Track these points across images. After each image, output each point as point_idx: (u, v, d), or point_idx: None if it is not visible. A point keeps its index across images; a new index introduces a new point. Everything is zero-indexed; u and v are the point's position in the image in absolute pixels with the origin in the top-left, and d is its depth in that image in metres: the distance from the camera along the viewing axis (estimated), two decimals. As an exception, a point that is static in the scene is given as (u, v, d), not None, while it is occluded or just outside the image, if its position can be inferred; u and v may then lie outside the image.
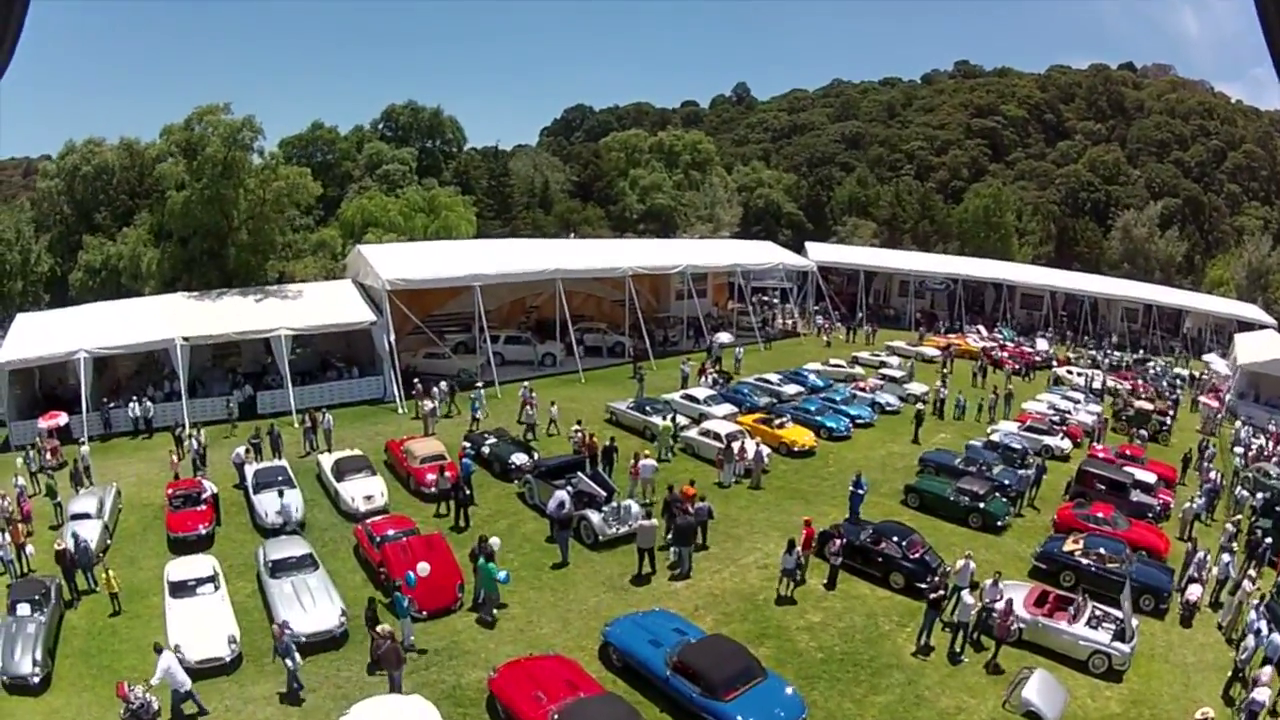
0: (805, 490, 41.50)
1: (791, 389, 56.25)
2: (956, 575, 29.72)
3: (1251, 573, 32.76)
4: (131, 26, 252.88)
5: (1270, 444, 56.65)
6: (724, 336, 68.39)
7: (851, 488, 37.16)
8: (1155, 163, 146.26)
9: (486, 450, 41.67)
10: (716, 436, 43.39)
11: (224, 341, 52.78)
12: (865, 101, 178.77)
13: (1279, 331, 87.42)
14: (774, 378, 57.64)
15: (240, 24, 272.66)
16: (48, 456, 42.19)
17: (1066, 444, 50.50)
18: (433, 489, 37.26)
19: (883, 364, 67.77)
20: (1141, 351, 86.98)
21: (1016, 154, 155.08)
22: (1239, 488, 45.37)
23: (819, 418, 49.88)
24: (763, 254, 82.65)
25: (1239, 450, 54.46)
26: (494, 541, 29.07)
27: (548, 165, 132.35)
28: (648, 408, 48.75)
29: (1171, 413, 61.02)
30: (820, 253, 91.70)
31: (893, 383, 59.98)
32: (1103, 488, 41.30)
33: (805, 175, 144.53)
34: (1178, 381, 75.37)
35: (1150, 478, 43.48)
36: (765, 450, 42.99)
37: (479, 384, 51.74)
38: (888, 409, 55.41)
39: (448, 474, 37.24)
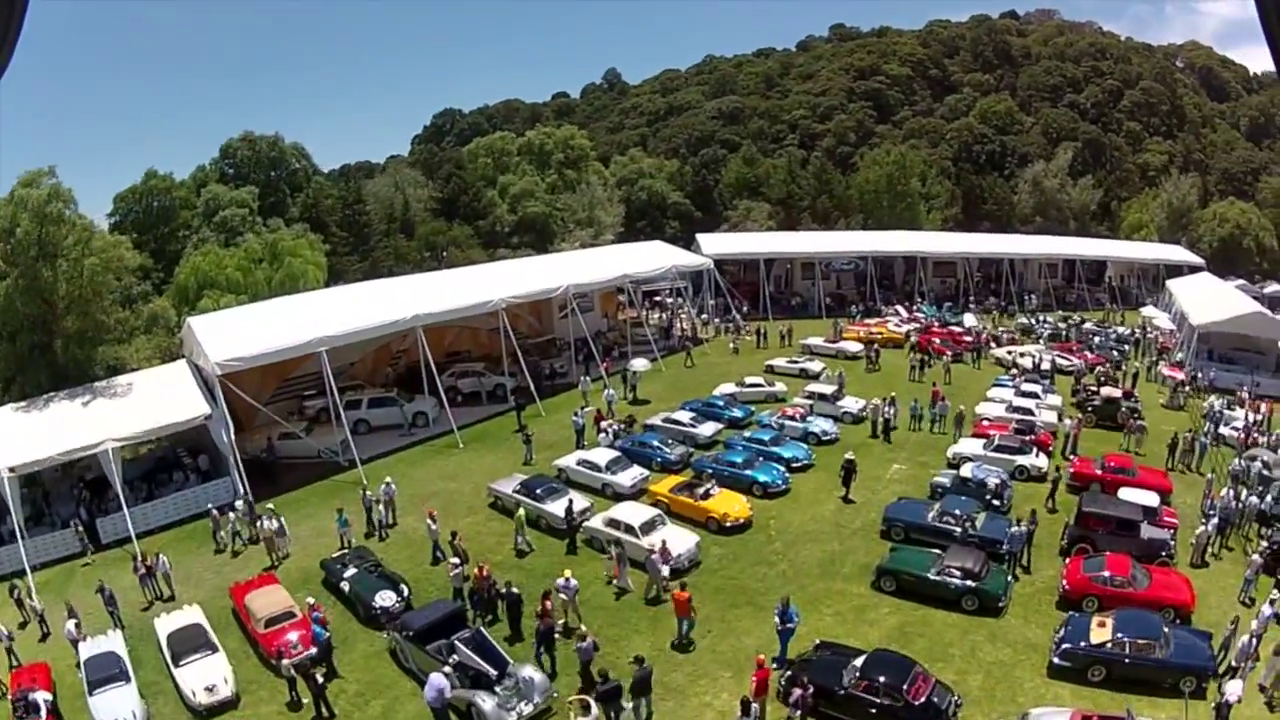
0: (751, 587, 32.57)
1: (708, 428, 47.16)
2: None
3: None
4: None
5: (1249, 413, 51.40)
6: (639, 363, 58.44)
7: (777, 620, 27.55)
8: (1050, 108, 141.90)
9: (346, 586, 32.36)
10: (629, 529, 33.87)
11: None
12: (741, 75, 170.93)
13: (1210, 272, 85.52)
14: (685, 416, 48.29)
15: (64, 70, 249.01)
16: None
17: (1042, 461, 42.51)
18: (282, 662, 27.40)
19: (803, 371, 59.80)
20: (1072, 316, 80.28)
21: (904, 113, 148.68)
22: (1245, 493, 38.20)
23: (748, 472, 40.61)
24: (652, 257, 73.50)
25: (1226, 432, 48.82)
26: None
27: (411, 183, 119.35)
28: (539, 490, 38.52)
29: (1135, 395, 53.49)
30: (713, 245, 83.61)
31: (824, 401, 51.18)
32: (1107, 530, 33.55)
33: (686, 158, 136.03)
34: (1125, 348, 68.27)
35: (1151, 499, 36.30)
36: (691, 543, 33.97)
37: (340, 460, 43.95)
38: (825, 439, 46.66)
39: (298, 644, 28.11)
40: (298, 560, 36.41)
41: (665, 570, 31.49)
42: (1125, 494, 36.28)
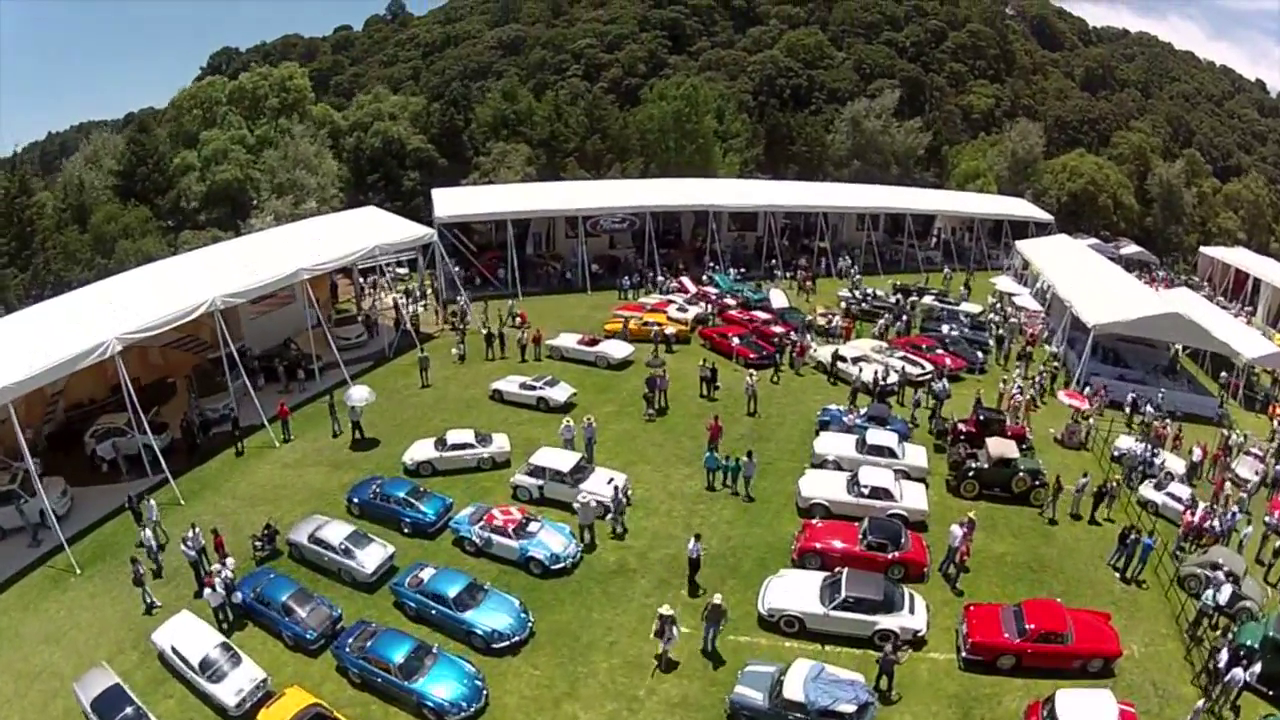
0: None
1: (371, 557, 28.78)
2: None
3: None
4: None
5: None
6: (359, 394, 40.12)
7: None
8: (864, 45, 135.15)
9: None
10: None
11: None
12: (528, 2, 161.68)
13: (1066, 232, 77.43)
14: (338, 533, 29.59)
15: None
16: None
17: (919, 618, 26.41)
18: None
19: (541, 401, 41.80)
20: (906, 286, 63.54)
21: (701, 43, 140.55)
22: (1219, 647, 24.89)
23: (414, 685, 23.16)
24: (353, 233, 53.85)
25: (1157, 498, 34.77)
26: None
27: (109, 153, 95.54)
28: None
29: (1029, 438, 38.02)
30: (451, 203, 64.49)
31: (559, 481, 33.20)
32: None
33: (446, 95, 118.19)
34: (986, 339, 53.03)
35: (1110, 708, 21.47)
36: None
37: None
38: (555, 566, 29.33)
39: None
40: None
41: None
42: (1065, 707, 20.37)
